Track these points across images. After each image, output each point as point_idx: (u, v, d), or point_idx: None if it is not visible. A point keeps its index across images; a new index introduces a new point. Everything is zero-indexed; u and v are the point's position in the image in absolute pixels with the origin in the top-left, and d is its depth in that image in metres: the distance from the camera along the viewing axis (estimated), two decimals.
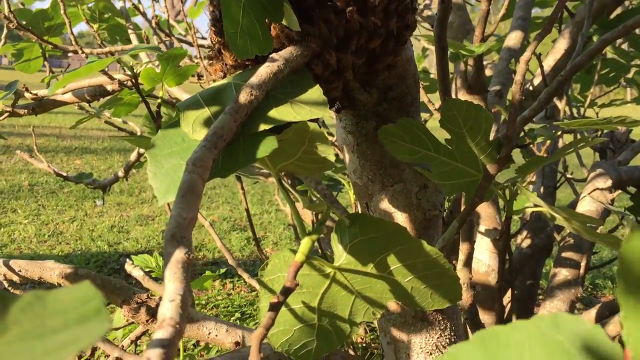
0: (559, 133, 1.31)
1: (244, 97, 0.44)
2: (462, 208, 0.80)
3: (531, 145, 1.35)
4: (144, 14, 1.80)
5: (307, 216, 1.51)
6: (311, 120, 0.47)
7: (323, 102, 0.48)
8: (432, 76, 2.15)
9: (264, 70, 0.46)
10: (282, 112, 0.46)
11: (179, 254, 0.34)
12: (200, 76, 1.41)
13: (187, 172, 0.40)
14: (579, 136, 1.59)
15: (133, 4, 1.86)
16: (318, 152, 0.50)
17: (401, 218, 0.69)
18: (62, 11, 1.15)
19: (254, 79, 0.45)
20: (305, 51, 0.49)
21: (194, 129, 0.45)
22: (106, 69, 1.19)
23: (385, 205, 0.69)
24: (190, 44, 2.00)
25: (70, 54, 1.60)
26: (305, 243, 0.48)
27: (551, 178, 1.66)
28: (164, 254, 0.35)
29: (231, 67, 0.53)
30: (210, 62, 0.56)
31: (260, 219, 4.17)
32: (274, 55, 0.47)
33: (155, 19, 1.77)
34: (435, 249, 0.51)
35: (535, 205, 0.60)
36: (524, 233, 1.60)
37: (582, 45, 0.83)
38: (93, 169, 5.42)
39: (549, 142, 1.17)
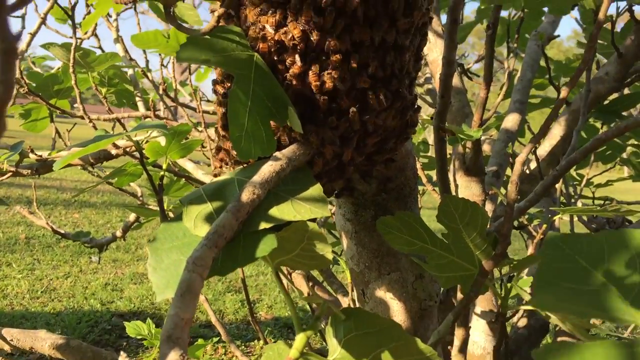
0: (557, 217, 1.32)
1: (246, 195, 0.45)
2: (456, 298, 0.80)
3: (528, 226, 1.36)
4: (152, 82, 1.85)
5: (304, 287, 1.51)
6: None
7: (323, 200, 0.49)
8: (431, 147, 2.18)
9: (267, 169, 0.47)
10: (283, 211, 0.47)
11: (174, 356, 0.35)
12: (203, 146, 1.43)
13: (187, 270, 0.40)
14: (575, 218, 1.60)
15: (142, 70, 1.91)
16: (316, 250, 0.50)
17: (397, 307, 0.69)
18: (72, 82, 1.19)
19: (257, 178, 0.46)
20: (307, 150, 0.51)
21: (195, 224, 0.47)
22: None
23: (381, 293, 0.70)
24: (195, 110, 2.05)
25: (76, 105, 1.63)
26: (300, 339, 0.49)
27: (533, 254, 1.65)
28: (160, 354, 0.35)
29: (235, 161, 0.55)
30: (216, 153, 0.58)
31: (256, 281, 4.14)
32: (277, 153, 0.49)
33: (162, 84, 1.82)
34: (429, 347, 0.52)
35: (529, 303, 0.61)
36: (520, 312, 1.59)
37: (577, 140, 0.85)
38: (91, 223, 5.41)
39: (545, 225, 1.18)
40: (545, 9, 1.44)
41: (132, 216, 2.02)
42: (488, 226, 0.67)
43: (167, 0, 0.51)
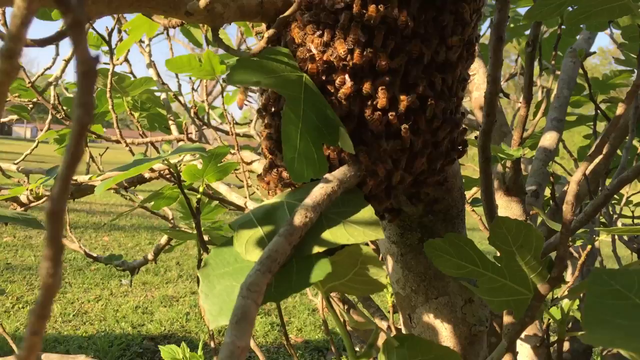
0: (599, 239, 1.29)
1: (298, 219, 0.44)
2: (503, 323, 0.77)
3: (570, 248, 1.32)
4: (184, 105, 1.86)
5: (338, 307, 1.49)
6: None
7: (376, 222, 0.47)
8: (466, 167, 2.16)
9: (319, 192, 0.46)
10: (336, 234, 0.46)
11: None
12: (236, 168, 1.43)
13: (241, 296, 0.39)
14: (617, 240, 1.56)
15: (174, 94, 1.93)
16: (369, 274, 0.49)
17: (446, 332, 0.67)
18: (110, 107, 1.20)
19: (309, 200, 0.45)
20: (358, 172, 0.50)
21: (247, 249, 0.45)
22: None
23: (429, 318, 0.68)
24: (226, 132, 2.06)
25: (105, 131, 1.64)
26: None
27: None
28: None
29: (284, 184, 0.54)
30: (263, 175, 0.57)
31: (284, 303, 4.11)
32: (327, 175, 0.48)
33: (194, 108, 1.83)
34: None
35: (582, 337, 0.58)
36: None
37: (627, 158, 0.83)
38: (120, 246, 5.45)
39: (589, 247, 1.15)
40: (582, 25, 1.42)
41: (163, 239, 2.03)
42: None
43: (215, 22, 0.51)
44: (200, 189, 1.03)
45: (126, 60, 1.91)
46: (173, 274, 4.61)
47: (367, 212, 0.48)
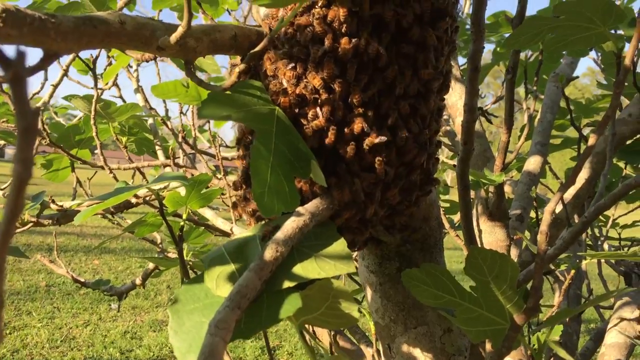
0: (585, 262, 1.29)
1: (269, 254, 0.44)
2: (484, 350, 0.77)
3: (556, 272, 1.32)
4: (172, 130, 1.86)
5: (325, 336, 1.48)
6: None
7: (348, 255, 0.47)
8: (451, 190, 2.16)
9: (290, 225, 0.46)
10: (307, 268, 0.46)
11: None
12: (223, 193, 1.43)
13: (209, 334, 0.39)
14: (603, 262, 1.56)
15: (162, 119, 1.93)
16: (342, 308, 0.49)
17: None
18: (94, 133, 1.20)
19: (280, 234, 0.45)
20: (330, 204, 0.50)
21: (217, 284, 0.45)
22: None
23: (408, 348, 0.67)
24: (213, 156, 2.05)
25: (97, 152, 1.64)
26: None
27: (576, 303, 1.62)
28: None
29: (257, 217, 0.54)
30: (236, 206, 0.57)
31: (276, 327, 4.08)
32: (299, 209, 0.48)
33: (182, 132, 1.83)
34: None
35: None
36: None
37: (605, 185, 0.83)
38: (111, 269, 5.41)
39: (573, 271, 1.15)
40: (563, 52, 1.44)
41: (151, 264, 2.01)
42: None
43: (187, 56, 0.51)
44: (184, 216, 1.03)
45: (115, 84, 1.92)
46: (163, 298, 4.58)
47: (339, 245, 0.48)
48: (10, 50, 0.35)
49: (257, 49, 0.49)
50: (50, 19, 0.41)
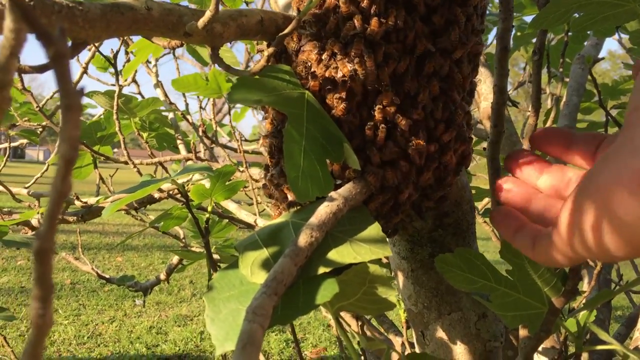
0: None
1: (304, 239, 0.43)
2: (520, 336, 0.76)
3: None
4: (192, 124, 1.86)
5: (353, 325, 1.47)
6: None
7: (382, 239, 0.46)
8: (476, 178, 2.14)
9: (324, 210, 0.45)
10: (342, 253, 0.45)
11: None
12: (245, 186, 1.43)
13: (247, 321, 0.38)
14: None
15: (182, 113, 1.93)
16: (378, 293, 0.48)
17: (460, 349, 0.66)
18: (117, 128, 1.20)
19: (314, 220, 0.44)
20: (363, 189, 0.49)
21: (252, 271, 0.45)
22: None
23: (442, 334, 0.66)
24: (234, 150, 2.06)
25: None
26: None
27: (606, 288, 1.59)
28: None
29: (289, 203, 0.53)
30: (269, 194, 0.57)
31: (299, 319, 4.09)
32: (332, 194, 0.47)
33: (202, 126, 1.83)
34: None
35: (606, 343, 0.57)
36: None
37: None
38: (134, 266, 5.45)
39: None
40: (589, 31, 1.41)
41: (175, 258, 2.02)
42: None
43: (214, 42, 0.50)
44: (209, 208, 1.03)
45: (134, 80, 1.92)
46: (187, 293, 4.61)
47: (374, 229, 0.47)
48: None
49: (286, 31, 0.48)
50: (78, 6, 0.41)
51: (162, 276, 2.14)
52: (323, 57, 0.50)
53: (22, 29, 0.22)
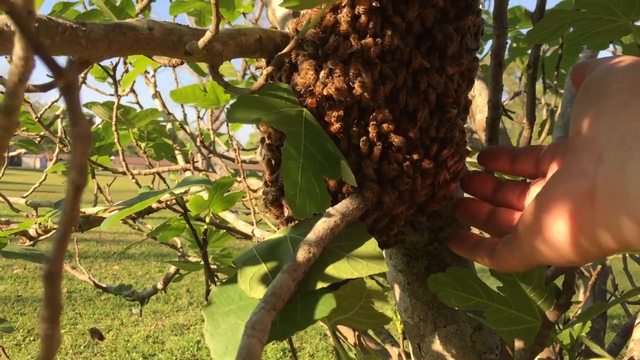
0: (610, 257, 1.28)
1: (302, 255, 0.44)
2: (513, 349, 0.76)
3: (581, 267, 1.31)
4: (190, 134, 1.87)
5: (350, 336, 1.47)
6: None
7: (379, 255, 0.47)
8: None
9: (321, 226, 0.46)
10: (339, 269, 0.46)
11: None
12: (243, 196, 1.43)
13: (246, 336, 0.39)
14: (628, 257, 1.54)
15: (180, 123, 1.94)
16: (375, 308, 0.49)
17: None
18: (115, 139, 1.21)
19: (312, 235, 0.45)
20: (360, 204, 0.50)
21: (251, 286, 0.45)
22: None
23: (438, 347, 0.67)
24: (231, 159, 2.06)
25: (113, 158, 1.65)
26: None
27: (601, 299, 1.60)
28: None
29: (287, 218, 0.54)
30: (267, 209, 0.57)
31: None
32: (330, 210, 0.48)
33: (200, 136, 1.84)
34: None
35: (599, 356, 0.57)
36: None
37: None
38: (130, 275, 5.45)
39: (600, 266, 1.13)
40: (583, 45, 1.42)
41: (172, 267, 2.03)
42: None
43: (214, 61, 0.51)
44: (207, 220, 1.04)
45: (132, 91, 1.93)
46: (183, 302, 4.60)
47: (371, 244, 0.48)
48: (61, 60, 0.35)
49: (284, 50, 0.49)
50: (81, 27, 0.42)
51: (160, 285, 2.14)
52: (320, 75, 0.51)
53: (30, 57, 0.23)
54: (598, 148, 0.38)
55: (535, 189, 0.53)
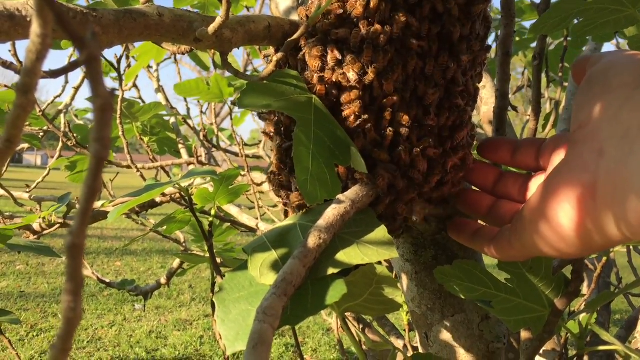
0: (615, 249, 1.28)
1: (312, 241, 0.44)
2: (521, 338, 0.76)
3: (585, 260, 1.31)
4: (193, 129, 1.87)
5: (353, 329, 1.47)
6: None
7: (389, 241, 0.47)
8: None
9: (332, 213, 0.46)
10: (350, 255, 0.46)
11: None
12: (247, 190, 1.43)
13: (257, 321, 0.39)
14: (632, 250, 1.54)
15: (183, 118, 1.94)
16: (385, 294, 0.49)
17: (463, 350, 0.67)
18: (120, 133, 1.21)
19: (322, 222, 0.45)
20: (370, 191, 0.50)
21: (261, 272, 0.45)
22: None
23: (445, 336, 0.67)
24: (235, 154, 2.06)
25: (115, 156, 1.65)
26: None
27: (606, 290, 1.60)
28: None
29: (297, 205, 0.54)
30: (277, 195, 0.57)
31: (299, 324, 4.08)
32: (340, 196, 0.48)
33: (203, 131, 1.84)
34: None
35: (607, 344, 0.57)
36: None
37: None
38: (133, 270, 5.45)
39: (605, 258, 1.14)
40: (588, 37, 1.42)
41: (175, 262, 2.03)
42: None
43: (223, 48, 0.51)
44: (212, 212, 1.04)
45: (135, 85, 1.93)
46: (186, 297, 4.61)
47: (380, 231, 0.48)
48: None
49: (294, 37, 0.49)
50: (92, 12, 0.42)
51: (163, 280, 2.15)
52: (330, 62, 0.50)
53: (48, 35, 0.23)
54: (599, 142, 0.38)
55: (536, 182, 0.53)
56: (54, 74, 0.43)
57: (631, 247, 1.55)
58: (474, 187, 0.61)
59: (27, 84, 0.23)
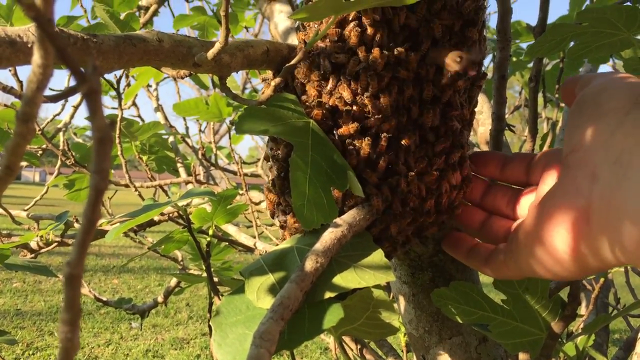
0: (612, 270, 1.28)
1: (310, 265, 0.44)
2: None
3: (583, 281, 1.31)
4: (192, 147, 1.88)
5: (352, 348, 1.47)
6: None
7: (386, 265, 0.47)
8: None
9: (328, 237, 0.46)
10: (347, 279, 0.46)
11: None
12: (245, 209, 1.43)
13: (254, 345, 0.39)
14: (630, 270, 1.54)
15: (182, 136, 1.95)
16: (382, 318, 0.49)
17: None
18: (119, 152, 1.21)
19: (319, 246, 0.45)
20: (367, 214, 0.50)
21: (258, 296, 0.45)
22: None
23: (443, 358, 0.67)
24: (233, 173, 2.07)
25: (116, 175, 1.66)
26: None
27: (604, 312, 1.60)
28: None
29: (295, 229, 0.54)
30: (274, 217, 0.58)
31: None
32: (337, 220, 0.48)
33: (201, 149, 1.85)
34: None
35: None
36: None
37: None
38: (130, 288, 5.43)
39: (602, 279, 1.13)
40: (584, 59, 1.43)
41: (173, 281, 2.02)
42: None
43: (222, 72, 0.52)
44: (210, 232, 1.04)
45: (134, 103, 1.94)
46: (183, 316, 4.58)
47: (377, 255, 0.48)
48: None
49: (292, 62, 0.49)
50: (92, 38, 0.42)
51: (160, 299, 2.14)
52: (328, 86, 0.51)
53: (49, 65, 0.23)
54: (592, 166, 0.38)
55: (526, 199, 0.53)
56: (53, 99, 0.44)
57: (629, 267, 1.55)
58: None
59: (27, 113, 0.23)
